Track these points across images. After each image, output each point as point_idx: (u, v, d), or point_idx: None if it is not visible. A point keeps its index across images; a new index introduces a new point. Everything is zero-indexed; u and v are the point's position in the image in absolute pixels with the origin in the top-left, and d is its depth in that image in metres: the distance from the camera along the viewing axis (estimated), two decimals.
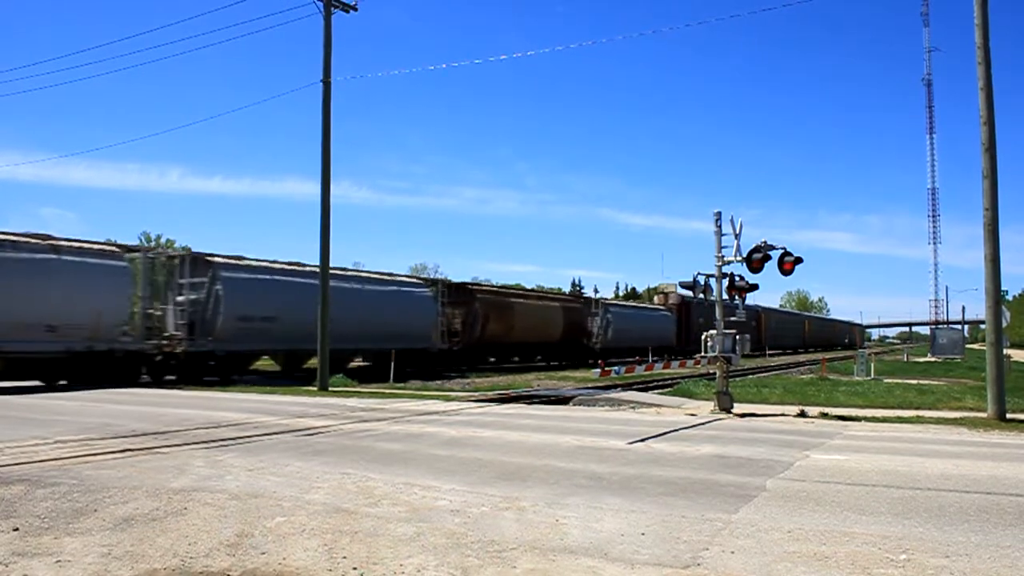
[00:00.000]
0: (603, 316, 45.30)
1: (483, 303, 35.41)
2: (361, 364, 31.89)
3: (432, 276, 44.25)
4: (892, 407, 15.60)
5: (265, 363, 30.45)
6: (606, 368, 16.83)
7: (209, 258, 24.49)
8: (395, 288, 31.79)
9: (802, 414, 13.78)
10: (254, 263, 26.17)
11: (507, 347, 38.79)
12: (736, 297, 14.88)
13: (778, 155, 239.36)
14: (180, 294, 23.70)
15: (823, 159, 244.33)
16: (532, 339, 39.19)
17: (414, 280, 35.54)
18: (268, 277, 26.13)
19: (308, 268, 27.56)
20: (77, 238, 22.27)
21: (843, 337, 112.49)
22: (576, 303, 45.93)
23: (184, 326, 23.27)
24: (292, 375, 28.22)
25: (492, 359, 39.23)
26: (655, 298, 55.95)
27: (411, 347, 30.42)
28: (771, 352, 65.95)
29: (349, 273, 30.87)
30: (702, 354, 15.01)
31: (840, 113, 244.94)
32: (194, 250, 26.71)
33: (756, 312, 64.81)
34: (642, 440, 10.17)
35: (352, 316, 26.80)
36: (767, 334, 68.69)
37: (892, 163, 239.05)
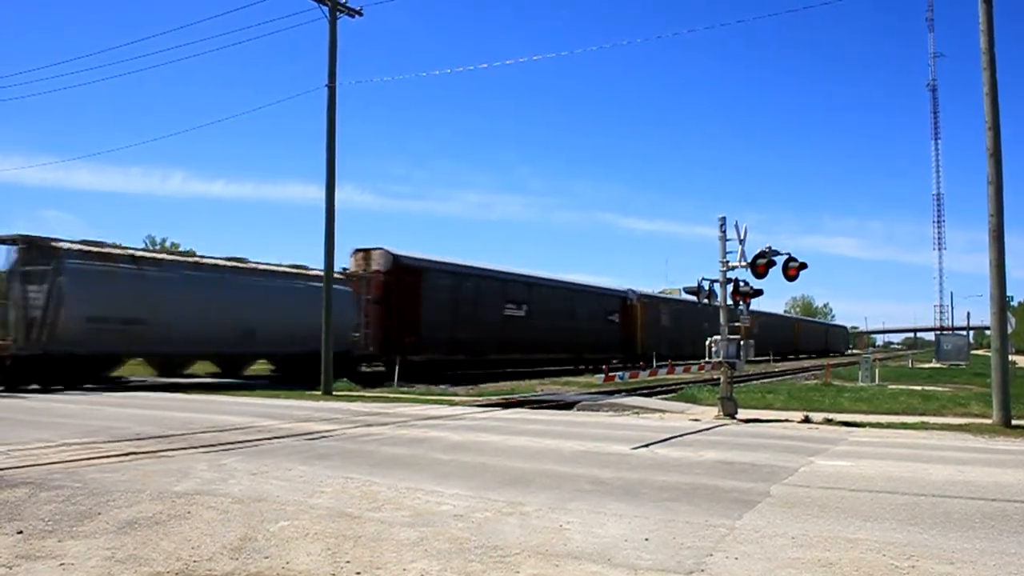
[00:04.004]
0: (49, 281, 20.25)
1: None
2: None
3: None
4: (897, 413, 15.54)
5: None
6: (610, 373, 16.81)
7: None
8: None
9: (806, 420, 13.73)
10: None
11: None
12: (740, 302, 14.86)
13: (781, 160, 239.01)
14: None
15: (827, 164, 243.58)
16: None
17: None
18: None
19: None
20: None
21: (817, 342, 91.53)
22: None
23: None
24: None
25: None
26: (351, 261, 29.61)
27: None
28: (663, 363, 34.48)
29: None
30: (707, 359, 14.99)
31: (844, 118, 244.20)
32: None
33: (625, 299, 44.83)
34: (646, 445, 10.16)
35: None
36: (656, 334, 46.64)
37: (896, 168, 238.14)
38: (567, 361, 38.10)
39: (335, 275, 26.32)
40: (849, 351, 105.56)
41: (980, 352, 71.34)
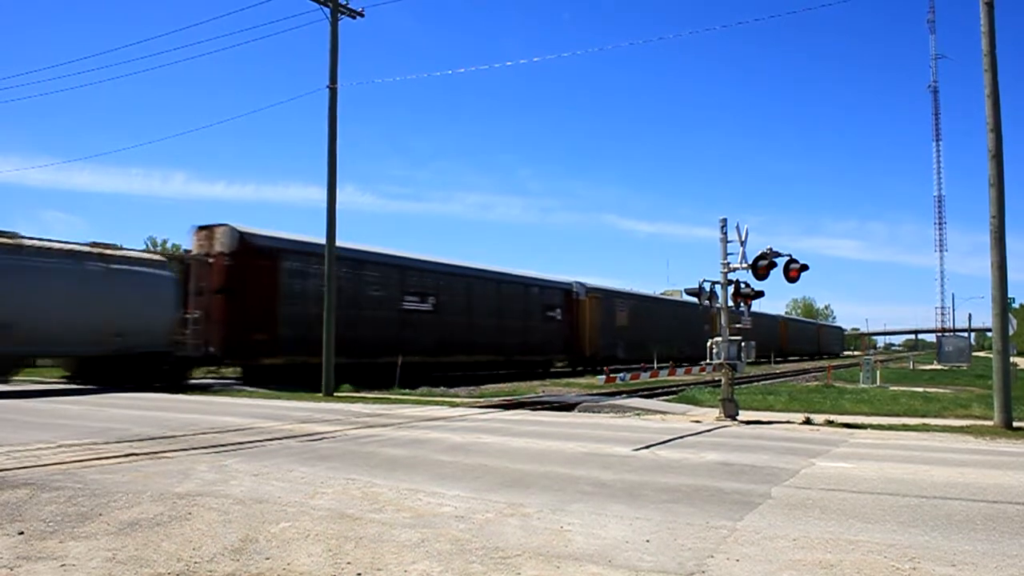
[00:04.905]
0: None
1: None
2: None
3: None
4: (898, 415, 15.53)
5: None
6: (611, 375, 16.81)
7: None
8: None
9: (807, 421, 13.73)
10: None
11: None
12: (742, 304, 14.85)
13: (782, 162, 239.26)
14: None
15: (828, 166, 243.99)
16: None
17: None
18: None
19: None
20: None
21: (808, 343, 79.79)
22: None
23: None
24: None
25: None
26: (193, 241, 24.31)
27: None
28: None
29: None
30: (707, 360, 14.99)
31: (845, 120, 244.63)
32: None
33: (570, 292, 38.73)
34: (647, 447, 10.15)
35: None
36: (611, 334, 40.56)
37: (897, 170, 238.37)
38: (491, 364, 32.92)
39: (151, 257, 23.10)
40: (845, 353, 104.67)
41: (981, 354, 71.40)
